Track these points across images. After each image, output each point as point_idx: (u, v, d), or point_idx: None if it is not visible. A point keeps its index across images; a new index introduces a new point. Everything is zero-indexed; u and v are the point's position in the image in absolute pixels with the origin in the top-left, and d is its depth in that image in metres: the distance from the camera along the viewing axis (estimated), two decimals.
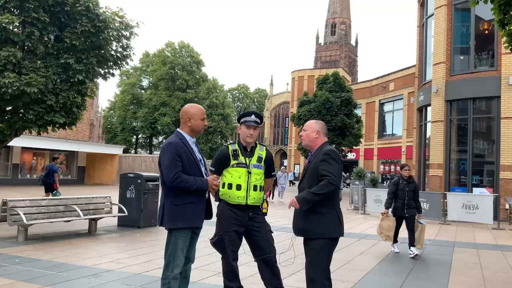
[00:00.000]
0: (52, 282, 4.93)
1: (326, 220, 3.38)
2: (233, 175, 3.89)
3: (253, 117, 3.96)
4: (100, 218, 9.06)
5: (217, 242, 3.87)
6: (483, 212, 12.73)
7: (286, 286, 5.12)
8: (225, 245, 3.83)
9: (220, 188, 3.89)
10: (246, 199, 3.85)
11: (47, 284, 4.84)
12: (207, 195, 3.58)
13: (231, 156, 3.93)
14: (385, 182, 33.68)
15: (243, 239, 3.99)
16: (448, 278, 5.91)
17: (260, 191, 3.92)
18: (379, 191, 16.33)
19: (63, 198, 8.67)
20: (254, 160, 3.95)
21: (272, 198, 20.00)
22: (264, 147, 4.11)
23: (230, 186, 3.87)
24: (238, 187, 3.85)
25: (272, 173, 4.15)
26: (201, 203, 3.49)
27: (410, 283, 5.58)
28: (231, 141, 4.09)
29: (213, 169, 3.97)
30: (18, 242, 7.40)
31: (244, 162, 3.91)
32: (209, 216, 3.62)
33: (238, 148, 3.97)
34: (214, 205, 3.80)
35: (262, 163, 3.99)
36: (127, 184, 9.96)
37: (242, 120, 4.00)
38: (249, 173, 3.89)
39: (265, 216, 4.07)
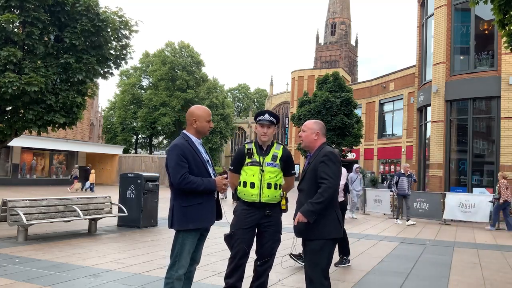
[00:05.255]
0: (52, 282, 4.93)
1: (326, 221, 3.39)
2: (247, 173, 3.97)
3: (267, 116, 4.02)
4: (100, 218, 9.05)
5: (228, 238, 3.98)
6: (479, 211, 12.75)
7: (286, 286, 5.13)
8: (234, 242, 3.91)
9: (238, 187, 4.00)
10: (260, 196, 3.91)
11: (47, 284, 4.84)
12: (215, 196, 3.58)
13: (245, 155, 4.01)
14: (385, 182, 33.66)
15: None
16: (448, 278, 5.91)
17: (275, 189, 3.96)
18: (379, 191, 16.35)
19: (63, 198, 8.66)
20: (268, 159, 4.00)
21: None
22: (281, 146, 4.14)
23: (245, 184, 3.96)
24: (252, 185, 3.93)
25: (292, 171, 4.18)
26: (210, 204, 3.50)
27: (410, 283, 5.58)
28: (248, 140, 4.15)
29: (232, 168, 4.10)
30: (18, 242, 7.40)
31: (258, 160, 3.98)
32: (219, 217, 3.64)
33: (253, 147, 4.05)
34: (226, 206, 3.83)
35: (278, 161, 4.02)
36: (127, 184, 9.96)
37: (257, 119, 4.08)
38: (262, 171, 3.94)
39: (284, 213, 4.13)
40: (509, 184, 12.25)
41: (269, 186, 3.93)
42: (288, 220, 12.21)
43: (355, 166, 14.75)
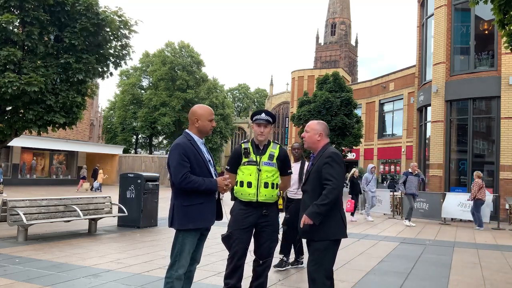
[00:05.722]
0: (52, 282, 4.93)
1: (330, 222, 3.38)
2: (244, 172, 3.97)
3: (263, 115, 4.02)
4: (100, 218, 9.05)
5: (226, 238, 3.97)
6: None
7: (286, 286, 5.13)
8: (232, 242, 3.91)
9: (235, 186, 3.99)
10: (257, 196, 3.91)
11: (47, 284, 4.84)
12: (217, 196, 3.58)
13: (242, 154, 4.01)
14: (385, 182, 33.68)
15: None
16: (448, 278, 5.91)
17: (272, 188, 3.97)
18: (379, 191, 16.32)
19: (63, 198, 8.65)
20: (265, 158, 4.00)
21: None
22: (278, 145, 4.14)
23: (241, 183, 3.96)
24: (249, 184, 3.92)
25: (288, 171, 4.18)
26: (211, 204, 3.49)
27: (410, 283, 5.57)
28: (245, 140, 4.15)
29: (228, 168, 4.09)
30: (18, 242, 7.40)
31: (254, 160, 3.98)
32: (219, 217, 3.63)
33: (250, 147, 4.05)
34: (227, 206, 3.83)
35: (274, 160, 4.03)
36: (127, 184, 9.95)
37: (253, 118, 4.07)
38: (259, 170, 3.94)
39: (281, 213, 4.15)
40: (483, 184, 12.49)
41: (266, 185, 3.93)
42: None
43: (370, 166, 14.14)
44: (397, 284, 5.49)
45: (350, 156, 36.61)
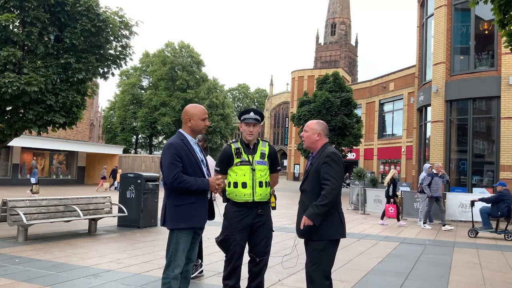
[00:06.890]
0: (52, 282, 4.93)
1: (329, 222, 3.38)
2: (238, 173, 3.92)
3: (252, 114, 3.99)
4: (100, 218, 9.05)
5: (222, 242, 3.93)
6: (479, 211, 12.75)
7: (286, 286, 5.13)
8: (229, 245, 3.89)
9: (227, 188, 3.93)
10: (253, 196, 3.88)
11: (47, 284, 4.84)
12: (209, 196, 3.58)
13: (234, 155, 3.96)
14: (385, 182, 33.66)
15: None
16: (448, 278, 5.91)
17: (266, 187, 3.96)
18: (379, 191, 16.33)
19: (63, 198, 8.65)
20: (257, 157, 3.98)
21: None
22: (267, 143, 4.14)
23: (235, 184, 3.91)
24: (244, 185, 3.88)
25: (278, 168, 4.17)
26: (203, 203, 3.49)
27: (410, 283, 5.57)
28: (234, 140, 4.11)
29: (218, 169, 4.00)
30: (18, 242, 7.40)
31: (247, 159, 3.94)
32: (211, 216, 3.62)
33: (240, 146, 4.00)
34: (219, 205, 3.82)
35: (266, 158, 4.01)
36: (127, 184, 9.96)
37: (242, 118, 4.03)
38: (253, 170, 3.92)
39: (273, 211, 4.12)
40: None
41: (260, 184, 3.91)
42: (288, 220, 12.07)
43: (428, 165, 13.05)
44: (397, 284, 5.49)
45: (350, 156, 36.62)
